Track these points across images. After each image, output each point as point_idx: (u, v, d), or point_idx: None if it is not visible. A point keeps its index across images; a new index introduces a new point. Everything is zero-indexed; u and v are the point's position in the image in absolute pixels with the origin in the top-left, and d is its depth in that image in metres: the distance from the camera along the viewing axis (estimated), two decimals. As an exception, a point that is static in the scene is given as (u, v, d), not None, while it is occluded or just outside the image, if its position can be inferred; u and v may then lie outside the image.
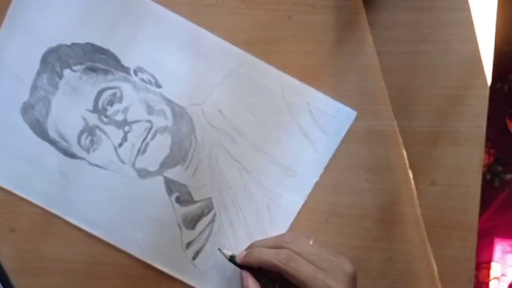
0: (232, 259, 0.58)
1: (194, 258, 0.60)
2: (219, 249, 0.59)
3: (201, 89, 0.58)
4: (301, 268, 0.52)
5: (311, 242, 0.59)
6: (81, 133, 0.59)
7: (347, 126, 0.58)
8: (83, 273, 0.61)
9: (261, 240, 0.58)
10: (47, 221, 0.60)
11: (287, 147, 0.59)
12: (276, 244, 0.55)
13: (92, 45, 0.58)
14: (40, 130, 0.59)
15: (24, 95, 0.59)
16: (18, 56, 0.59)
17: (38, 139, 0.59)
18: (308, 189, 0.59)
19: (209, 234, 0.60)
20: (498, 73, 0.66)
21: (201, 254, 0.60)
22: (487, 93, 0.59)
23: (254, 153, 0.59)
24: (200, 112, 0.59)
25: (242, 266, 0.57)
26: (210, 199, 0.59)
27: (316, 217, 0.60)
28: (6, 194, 0.60)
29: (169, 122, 0.59)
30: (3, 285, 0.61)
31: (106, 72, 0.58)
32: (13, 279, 0.62)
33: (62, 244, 0.61)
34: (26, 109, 0.59)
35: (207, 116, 0.59)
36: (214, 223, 0.60)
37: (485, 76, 0.59)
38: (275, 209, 0.59)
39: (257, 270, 0.55)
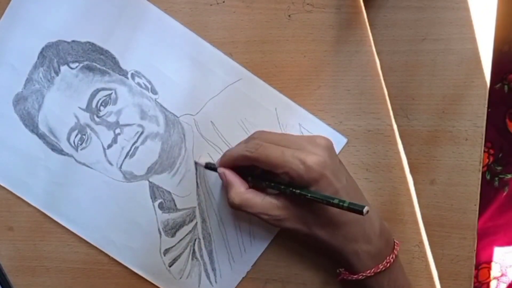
0: (208, 166, 0.57)
1: (170, 265, 0.60)
2: (195, 162, 0.59)
3: (196, 99, 0.58)
4: (269, 152, 0.50)
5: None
6: (71, 130, 0.59)
7: (337, 152, 0.58)
8: (81, 272, 0.61)
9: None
10: (45, 220, 0.61)
11: None
12: (246, 141, 0.55)
13: (93, 44, 0.58)
14: (31, 123, 0.59)
15: (18, 86, 0.59)
16: (16, 47, 0.59)
17: (27, 132, 0.59)
18: None
19: (188, 243, 0.60)
20: (498, 73, 0.67)
21: (178, 262, 0.60)
22: (486, 92, 0.59)
23: None
24: (193, 122, 0.59)
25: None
26: (193, 208, 0.59)
27: (316, 216, 0.59)
28: (4, 193, 0.60)
29: (161, 129, 0.59)
30: (1, 284, 0.61)
31: (103, 72, 0.58)
32: (11, 278, 0.62)
33: (60, 243, 0.61)
34: (19, 100, 0.59)
35: (199, 127, 0.58)
36: (194, 232, 0.60)
37: (484, 75, 0.59)
38: (256, 224, 0.59)
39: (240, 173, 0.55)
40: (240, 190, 0.53)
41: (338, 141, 0.58)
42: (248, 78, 0.58)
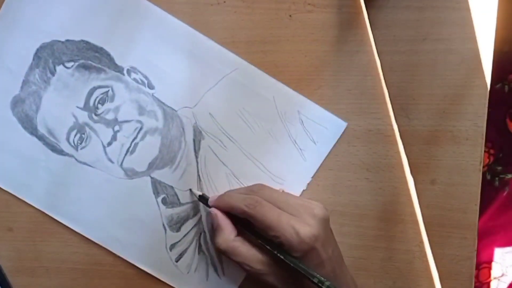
0: (201, 198, 0.57)
1: (177, 260, 0.60)
2: (190, 190, 0.59)
3: (193, 92, 0.58)
4: (266, 213, 0.51)
5: (281, 191, 0.58)
6: (70, 130, 0.59)
7: (337, 137, 0.58)
8: (81, 272, 0.61)
9: (234, 189, 0.57)
10: (45, 220, 0.60)
11: (276, 154, 0.58)
12: (247, 192, 0.55)
13: (87, 42, 0.58)
14: (29, 125, 0.59)
15: (15, 89, 0.59)
16: (11, 49, 0.58)
17: (27, 134, 0.59)
18: None
19: (193, 237, 0.60)
20: (498, 73, 0.67)
21: (185, 257, 0.60)
22: (487, 92, 0.59)
23: (243, 159, 0.59)
24: (191, 115, 0.58)
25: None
26: (196, 202, 0.59)
27: (316, 216, 0.59)
28: (4, 193, 0.60)
29: (160, 124, 0.58)
30: (0, 284, 0.61)
31: (99, 70, 0.58)
32: (11, 278, 0.62)
33: (60, 243, 0.61)
34: (16, 102, 0.59)
35: (198, 119, 0.58)
36: (199, 226, 0.60)
37: (485, 75, 0.59)
38: None
39: (233, 217, 0.55)
40: (229, 237, 0.54)
41: (338, 126, 0.58)
42: (244, 67, 0.58)
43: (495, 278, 0.72)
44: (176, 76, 0.58)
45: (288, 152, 0.58)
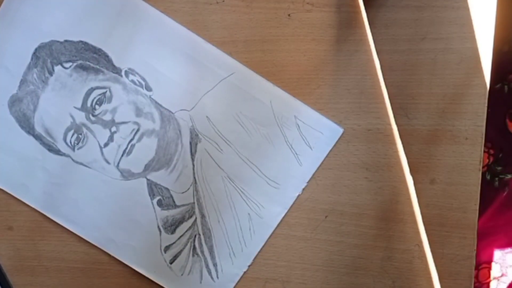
0: None
1: (171, 262, 0.60)
2: None
3: (191, 95, 0.58)
4: None
5: None
6: (67, 130, 0.59)
7: (333, 142, 0.58)
8: (80, 271, 0.61)
9: None
10: (45, 219, 0.60)
11: (272, 158, 0.59)
12: None
13: (85, 43, 0.58)
14: (26, 124, 0.59)
15: (12, 88, 0.59)
16: (9, 48, 0.59)
17: (24, 133, 0.59)
18: (289, 201, 0.59)
19: (188, 240, 0.60)
20: (498, 73, 0.67)
21: (179, 259, 0.60)
22: (486, 91, 0.59)
23: (239, 162, 0.59)
24: (188, 117, 0.59)
25: None
26: (191, 204, 0.59)
27: (315, 216, 0.59)
28: (3, 192, 0.60)
29: (157, 126, 0.59)
30: (0, 283, 0.61)
31: (97, 71, 0.58)
32: (11, 277, 0.62)
33: (60, 242, 0.61)
34: (14, 102, 0.59)
35: (194, 122, 0.59)
36: (193, 228, 0.60)
37: (484, 74, 0.59)
38: (255, 218, 0.59)
39: None
40: None
41: (334, 132, 0.58)
42: (241, 71, 0.58)
43: (494, 278, 0.71)
44: (174, 78, 0.58)
45: (284, 157, 0.58)
